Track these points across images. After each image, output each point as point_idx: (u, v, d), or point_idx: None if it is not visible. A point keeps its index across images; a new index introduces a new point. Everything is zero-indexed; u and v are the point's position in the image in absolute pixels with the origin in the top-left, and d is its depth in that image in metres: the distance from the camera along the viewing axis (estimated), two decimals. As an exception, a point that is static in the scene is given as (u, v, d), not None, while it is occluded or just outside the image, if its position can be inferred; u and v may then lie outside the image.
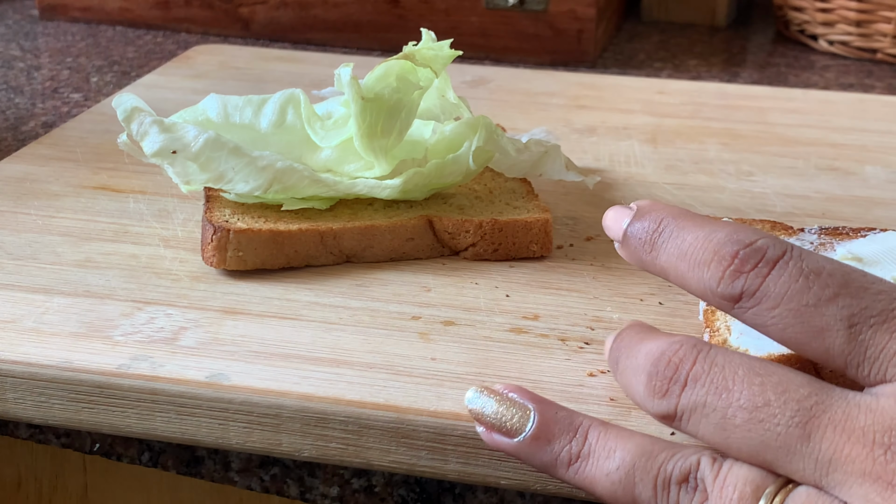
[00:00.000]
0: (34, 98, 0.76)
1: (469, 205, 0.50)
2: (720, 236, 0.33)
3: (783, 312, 0.31)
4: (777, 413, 0.30)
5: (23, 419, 0.41)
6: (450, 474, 0.38)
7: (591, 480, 0.33)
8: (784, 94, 0.75)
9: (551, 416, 0.34)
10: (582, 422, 0.34)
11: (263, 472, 0.42)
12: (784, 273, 0.32)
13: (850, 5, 0.89)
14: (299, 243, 0.47)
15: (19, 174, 0.57)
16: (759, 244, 0.32)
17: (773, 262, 0.32)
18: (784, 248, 0.32)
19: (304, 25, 0.92)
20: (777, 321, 0.32)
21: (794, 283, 0.31)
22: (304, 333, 0.43)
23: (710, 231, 0.33)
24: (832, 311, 0.31)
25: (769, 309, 0.32)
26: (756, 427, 0.31)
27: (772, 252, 0.32)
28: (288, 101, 0.49)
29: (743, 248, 0.32)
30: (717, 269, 0.33)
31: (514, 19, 0.87)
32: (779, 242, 0.32)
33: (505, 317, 0.44)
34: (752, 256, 0.32)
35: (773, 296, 0.32)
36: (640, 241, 0.35)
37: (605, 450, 0.33)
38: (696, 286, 0.34)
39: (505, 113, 0.69)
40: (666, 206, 0.36)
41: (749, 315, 0.32)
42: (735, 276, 0.32)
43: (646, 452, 0.33)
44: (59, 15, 0.98)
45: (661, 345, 0.33)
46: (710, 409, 0.31)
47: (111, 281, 0.46)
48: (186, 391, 0.39)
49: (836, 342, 0.31)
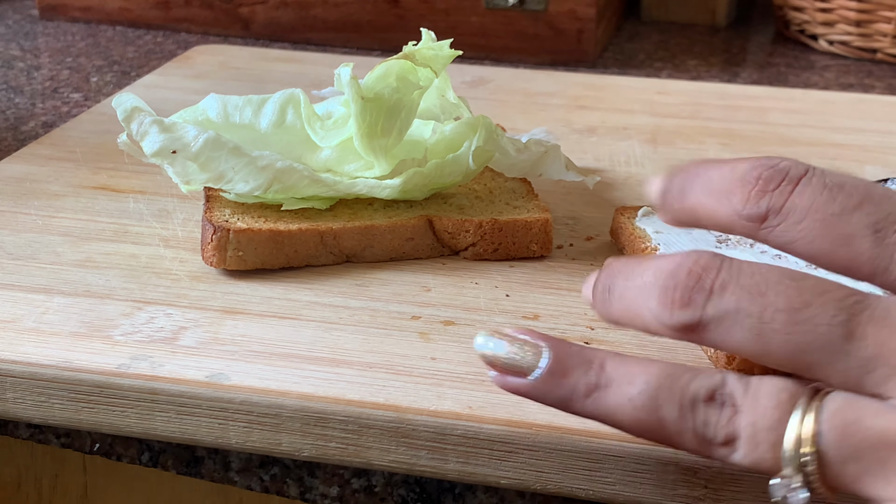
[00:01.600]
0: (34, 98, 0.76)
1: (469, 205, 0.50)
2: (744, 166, 0.33)
3: (810, 224, 0.32)
4: (819, 313, 0.30)
5: (23, 419, 0.41)
6: (450, 474, 0.38)
7: (613, 408, 0.32)
8: (784, 94, 0.75)
9: (565, 351, 0.33)
10: (597, 353, 0.33)
11: (263, 472, 0.42)
12: (808, 188, 0.32)
13: (850, 5, 0.89)
14: (299, 243, 0.47)
15: (19, 174, 0.57)
16: (781, 166, 0.33)
17: (796, 179, 0.32)
18: (806, 167, 0.32)
19: (304, 25, 0.92)
20: (804, 234, 0.32)
21: (819, 196, 0.32)
22: (304, 333, 0.43)
23: (733, 164, 0.34)
24: (857, 217, 0.31)
25: (795, 223, 0.32)
26: (797, 329, 0.30)
27: (794, 171, 0.32)
28: (288, 101, 0.49)
29: (766, 170, 0.33)
30: (742, 192, 0.33)
31: (514, 19, 0.87)
32: (800, 163, 0.33)
33: (505, 317, 0.44)
34: (776, 176, 0.32)
35: (799, 209, 0.32)
36: (671, 192, 0.35)
37: (627, 375, 0.32)
38: (723, 215, 0.33)
39: (505, 113, 0.69)
40: (693, 162, 0.36)
41: (776, 233, 0.32)
42: (760, 195, 0.32)
43: (669, 374, 0.32)
44: (59, 15, 0.98)
45: (673, 259, 0.32)
46: (744, 315, 0.30)
47: (111, 281, 0.46)
48: (186, 391, 0.39)
49: (862, 247, 0.31)
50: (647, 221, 0.49)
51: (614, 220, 0.50)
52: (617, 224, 0.50)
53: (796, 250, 0.32)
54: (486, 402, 0.38)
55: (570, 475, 0.37)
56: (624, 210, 0.51)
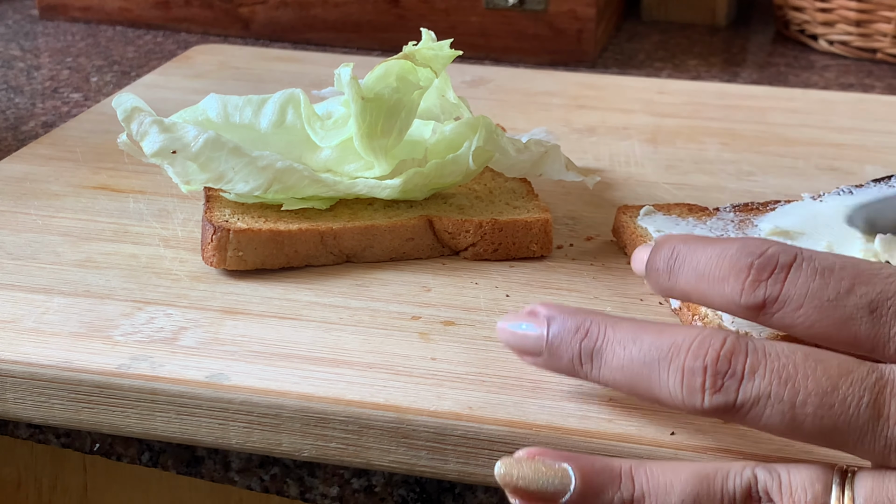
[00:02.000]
0: (34, 98, 0.76)
1: (469, 205, 0.50)
2: (732, 251, 0.35)
3: (808, 311, 0.33)
4: (848, 396, 0.31)
5: (23, 419, 0.41)
6: (450, 474, 0.38)
7: None
8: (784, 94, 0.75)
9: (590, 468, 0.33)
10: (622, 465, 0.34)
11: (263, 472, 0.42)
12: (800, 275, 0.34)
13: (850, 5, 0.89)
14: (299, 243, 0.47)
15: (19, 174, 0.57)
16: (770, 252, 0.34)
17: (787, 266, 0.34)
18: (794, 252, 0.34)
19: (304, 25, 0.92)
20: (804, 320, 0.34)
21: (812, 282, 0.33)
22: (304, 333, 0.43)
23: (721, 248, 0.35)
24: (852, 300, 0.33)
25: (794, 310, 0.34)
26: (829, 413, 0.31)
27: (784, 258, 0.34)
28: (288, 101, 0.49)
29: (756, 258, 0.34)
30: (736, 282, 0.34)
31: (513, 19, 0.87)
32: (788, 248, 0.34)
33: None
34: (767, 265, 0.34)
35: (796, 297, 0.34)
36: (659, 271, 0.37)
37: (661, 487, 0.33)
38: (719, 302, 0.35)
39: (505, 113, 0.69)
40: (679, 235, 0.38)
41: (776, 319, 0.34)
42: (755, 285, 0.34)
43: (702, 478, 0.33)
44: (59, 15, 0.98)
45: (691, 337, 0.33)
46: (777, 400, 0.32)
47: (111, 281, 0.46)
48: (186, 391, 0.39)
49: (861, 328, 0.33)
50: (649, 220, 0.49)
51: (616, 218, 0.50)
52: (619, 223, 0.50)
53: (797, 333, 0.34)
54: (486, 403, 0.38)
55: (570, 475, 0.37)
56: (626, 209, 0.51)
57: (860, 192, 0.51)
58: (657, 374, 0.34)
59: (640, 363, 0.34)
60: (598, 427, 0.37)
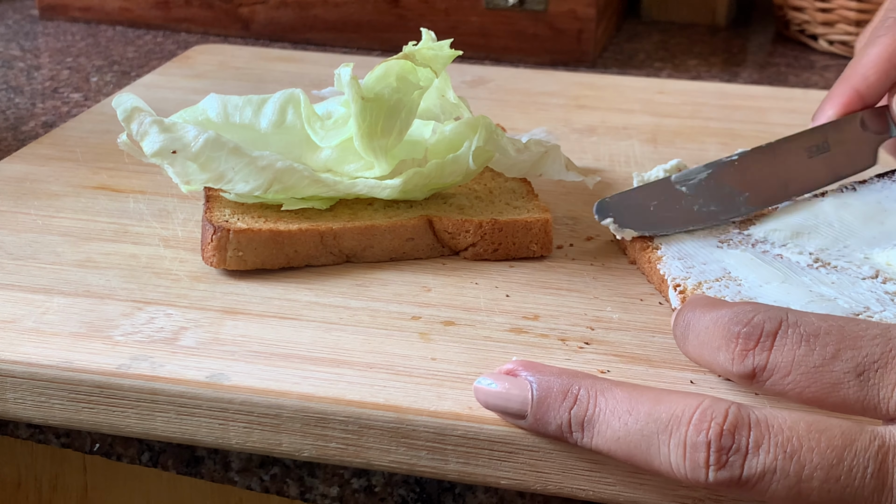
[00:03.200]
0: (34, 98, 0.76)
1: (469, 205, 0.50)
2: (724, 319, 0.35)
3: (796, 378, 0.34)
4: (853, 467, 0.32)
5: (23, 419, 0.41)
6: (450, 474, 0.38)
7: None
8: (784, 94, 0.75)
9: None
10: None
11: (263, 472, 0.42)
12: (786, 343, 0.34)
13: (850, 5, 0.89)
14: (299, 243, 0.47)
15: (19, 174, 0.57)
16: (755, 321, 0.35)
17: (772, 334, 0.34)
18: (779, 318, 0.35)
19: (304, 25, 0.92)
20: (793, 386, 0.34)
21: (798, 350, 0.34)
22: (304, 333, 0.43)
23: (716, 316, 0.36)
24: (839, 366, 0.33)
25: (782, 377, 0.34)
26: (835, 486, 0.32)
27: (769, 325, 0.35)
28: (288, 101, 0.49)
29: (743, 326, 0.35)
30: (727, 351, 0.35)
31: (514, 19, 0.87)
32: (774, 314, 0.35)
33: (505, 317, 0.44)
34: (753, 333, 0.35)
35: (783, 365, 0.34)
36: (677, 337, 0.38)
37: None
38: (718, 370, 0.36)
39: (505, 113, 0.69)
40: (694, 299, 0.38)
41: (767, 386, 0.35)
42: (743, 355, 0.35)
43: None
44: (59, 15, 0.98)
45: (691, 408, 0.33)
46: (783, 475, 0.32)
47: (111, 281, 0.46)
48: (186, 391, 0.39)
49: (850, 393, 0.33)
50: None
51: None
52: None
53: (789, 399, 0.35)
54: (486, 403, 0.38)
55: (570, 475, 0.37)
56: None
57: (863, 189, 0.51)
58: (657, 448, 0.33)
59: (638, 436, 0.34)
60: (598, 427, 0.37)
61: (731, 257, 0.46)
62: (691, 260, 0.46)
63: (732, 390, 0.39)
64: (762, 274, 0.44)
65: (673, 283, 0.44)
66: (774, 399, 0.38)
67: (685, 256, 0.46)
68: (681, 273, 0.45)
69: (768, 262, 0.45)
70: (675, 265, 0.45)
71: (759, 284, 0.44)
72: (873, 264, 0.45)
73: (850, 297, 0.42)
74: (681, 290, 0.43)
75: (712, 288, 0.43)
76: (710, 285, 0.44)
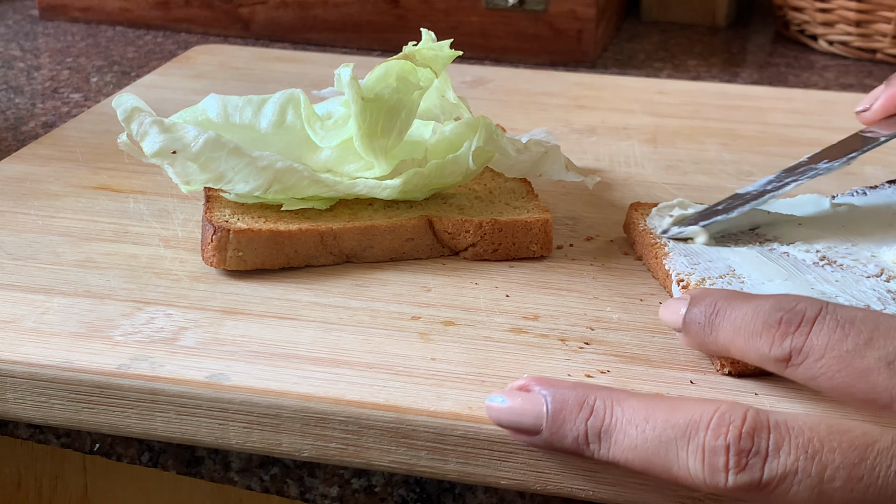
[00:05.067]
0: (34, 98, 0.76)
1: (469, 205, 0.50)
2: (766, 307, 0.36)
3: (828, 361, 0.34)
4: (876, 466, 0.32)
5: (23, 419, 0.41)
6: (450, 474, 0.38)
7: None
8: (784, 94, 0.75)
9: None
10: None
11: (263, 472, 0.42)
12: (823, 327, 0.35)
13: (850, 5, 0.89)
14: (299, 243, 0.47)
15: (19, 174, 0.57)
16: (798, 308, 0.36)
17: (812, 320, 0.35)
18: (820, 306, 0.36)
19: (304, 25, 0.92)
20: (824, 370, 0.35)
21: (833, 334, 0.35)
22: (304, 333, 0.43)
23: (756, 304, 0.36)
24: (871, 353, 0.34)
25: (815, 360, 0.35)
26: (858, 485, 0.32)
27: (810, 312, 0.35)
28: (288, 101, 0.49)
29: (786, 313, 0.36)
30: (767, 336, 0.36)
31: (514, 19, 0.87)
32: (815, 302, 0.36)
33: (505, 317, 0.44)
34: (794, 319, 0.35)
35: (818, 348, 0.35)
36: (700, 324, 0.38)
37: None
38: (753, 355, 0.37)
39: (505, 113, 0.69)
40: (717, 291, 0.39)
41: (801, 371, 0.35)
42: (783, 338, 0.35)
43: None
44: (59, 15, 0.98)
45: (709, 413, 0.33)
46: (804, 475, 0.32)
47: (111, 281, 0.46)
48: (186, 391, 0.39)
49: (879, 380, 0.34)
50: (659, 220, 0.49)
51: (628, 215, 0.51)
52: (630, 219, 0.50)
53: (820, 385, 0.35)
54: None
55: (570, 475, 0.37)
56: (637, 206, 0.51)
57: (874, 194, 0.51)
58: (675, 454, 0.33)
59: (656, 443, 0.33)
60: (598, 427, 0.37)
61: (737, 255, 0.46)
62: (697, 257, 0.46)
63: (733, 389, 0.39)
64: (766, 271, 0.45)
65: (677, 279, 0.44)
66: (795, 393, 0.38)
67: (692, 253, 0.46)
68: (685, 269, 0.45)
69: (774, 259, 0.46)
70: (680, 261, 0.46)
71: (762, 282, 0.44)
72: (879, 262, 0.45)
73: (852, 295, 0.43)
74: (684, 286, 0.44)
75: (715, 284, 0.44)
76: (713, 282, 0.44)
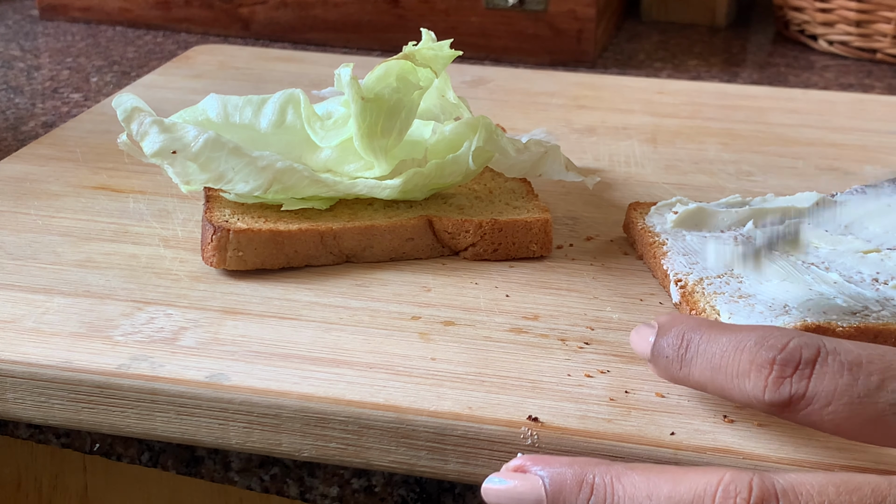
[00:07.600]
0: (34, 98, 0.76)
1: (469, 205, 0.50)
2: (750, 343, 0.33)
3: (837, 408, 0.32)
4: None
5: (23, 419, 0.41)
6: (450, 474, 0.38)
7: None
8: (784, 94, 0.75)
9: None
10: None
11: (263, 472, 0.42)
12: (827, 370, 0.32)
13: (850, 5, 0.89)
14: (299, 243, 0.47)
15: (19, 174, 0.57)
16: (791, 346, 0.33)
17: (811, 362, 0.33)
18: (816, 345, 0.33)
19: (304, 25, 0.92)
20: (832, 417, 0.32)
21: (840, 379, 0.32)
22: (304, 333, 0.43)
23: (737, 339, 0.34)
24: (884, 397, 0.32)
25: (822, 407, 0.32)
26: None
27: (807, 353, 0.33)
28: (288, 101, 0.49)
29: (778, 352, 0.33)
30: (758, 378, 0.33)
31: (513, 19, 0.87)
32: (810, 340, 0.33)
33: (505, 317, 0.44)
34: (791, 360, 0.33)
35: (824, 395, 0.32)
36: (668, 358, 0.36)
37: None
38: (739, 397, 0.34)
39: (505, 113, 0.69)
40: (686, 319, 0.36)
41: (801, 416, 0.33)
42: (779, 382, 0.33)
43: None
44: (59, 15, 0.98)
45: (714, 483, 0.31)
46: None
47: (111, 281, 0.46)
48: (186, 391, 0.39)
49: (891, 425, 0.32)
50: (658, 219, 0.49)
51: (627, 215, 0.51)
52: (630, 219, 0.50)
53: (822, 429, 0.33)
54: (486, 403, 0.38)
55: (570, 475, 0.37)
56: (637, 205, 0.51)
57: (873, 192, 0.51)
58: None
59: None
60: (597, 427, 0.37)
61: None
62: (696, 256, 0.46)
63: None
64: (764, 272, 0.45)
65: (675, 278, 0.44)
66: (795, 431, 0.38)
67: (691, 252, 0.46)
68: (684, 269, 0.45)
69: (772, 259, 0.46)
70: (679, 261, 0.46)
71: (760, 282, 0.44)
72: (878, 263, 0.45)
73: (850, 296, 0.43)
74: (682, 285, 0.44)
75: (713, 284, 0.44)
76: (710, 281, 0.44)
